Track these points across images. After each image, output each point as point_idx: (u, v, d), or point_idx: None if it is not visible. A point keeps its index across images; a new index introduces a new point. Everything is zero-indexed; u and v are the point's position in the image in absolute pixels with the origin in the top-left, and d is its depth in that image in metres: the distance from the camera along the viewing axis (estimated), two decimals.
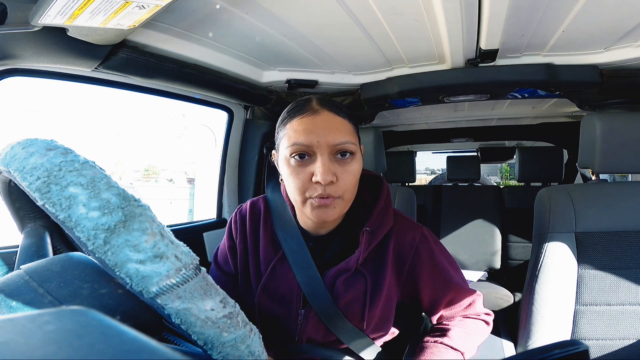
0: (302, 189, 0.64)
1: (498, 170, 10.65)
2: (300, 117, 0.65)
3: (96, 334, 0.19)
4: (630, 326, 0.91)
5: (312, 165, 0.64)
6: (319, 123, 0.64)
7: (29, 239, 0.46)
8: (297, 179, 0.64)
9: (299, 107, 0.67)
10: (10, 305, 0.32)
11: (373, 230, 0.71)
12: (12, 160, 0.33)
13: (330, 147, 0.63)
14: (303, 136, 0.63)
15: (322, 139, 0.63)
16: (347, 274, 0.71)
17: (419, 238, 0.74)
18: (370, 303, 0.72)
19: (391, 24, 0.92)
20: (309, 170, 0.64)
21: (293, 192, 0.66)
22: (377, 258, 0.73)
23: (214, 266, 0.82)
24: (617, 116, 1.01)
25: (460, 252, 2.11)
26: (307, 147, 0.63)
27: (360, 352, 0.73)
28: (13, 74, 0.80)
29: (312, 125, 0.64)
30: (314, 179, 0.63)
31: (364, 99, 1.38)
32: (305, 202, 0.65)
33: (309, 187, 0.64)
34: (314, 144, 0.63)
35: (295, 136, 0.64)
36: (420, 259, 0.74)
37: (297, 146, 0.63)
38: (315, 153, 0.63)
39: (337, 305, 0.71)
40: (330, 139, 0.63)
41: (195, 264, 0.32)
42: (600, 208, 0.98)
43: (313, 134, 0.63)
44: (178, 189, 9.33)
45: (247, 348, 0.34)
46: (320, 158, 0.63)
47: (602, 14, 0.86)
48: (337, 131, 0.64)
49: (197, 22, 0.87)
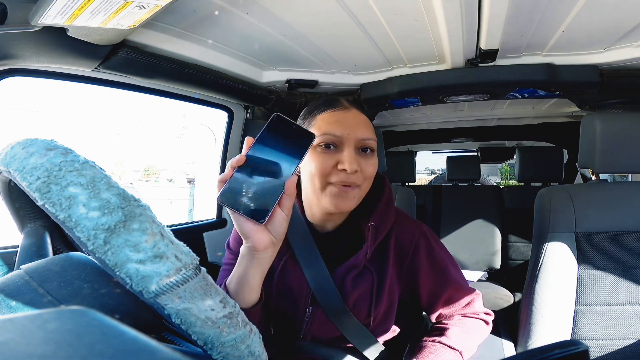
0: (325, 173, 0.68)
1: (498, 170, 10.65)
2: (332, 110, 0.70)
3: (96, 333, 0.19)
4: (630, 326, 0.91)
5: (338, 154, 0.68)
6: (350, 118, 0.70)
7: (29, 239, 0.46)
8: (322, 165, 0.67)
9: (329, 102, 0.72)
10: (10, 305, 0.32)
11: (377, 225, 0.73)
12: (12, 160, 0.33)
13: (357, 140, 0.68)
14: (335, 127, 0.68)
15: (351, 132, 0.68)
16: (356, 271, 0.72)
17: (419, 234, 0.77)
18: (376, 299, 0.73)
19: (391, 23, 0.92)
20: (334, 159, 0.67)
21: (315, 176, 0.68)
22: (381, 254, 0.75)
23: (228, 252, 0.81)
24: (617, 116, 1.01)
25: (460, 252, 2.11)
26: (337, 138, 0.68)
27: (363, 350, 0.73)
28: (13, 74, 0.80)
29: (343, 118, 0.69)
30: (339, 166, 0.67)
31: (364, 99, 1.38)
32: (325, 188, 0.68)
33: (332, 173, 0.67)
34: (344, 135, 0.68)
35: (327, 127, 0.68)
36: (419, 254, 0.76)
37: (328, 136, 0.67)
38: (343, 144, 0.68)
39: (346, 303, 0.72)
40: (359, 134, 0.68)
41: (195, 264, 0.32)
42: (600, 208, 0.98)
43: (344, 126, 0.68)
44: (178, 189, 9.34)
45: (247, 348, 0.34)
46: (347, 149, 0.67)
47: (602, 14, 0.86)
48: (365, 127, 0.70)
49: (197, 22, 0.87)
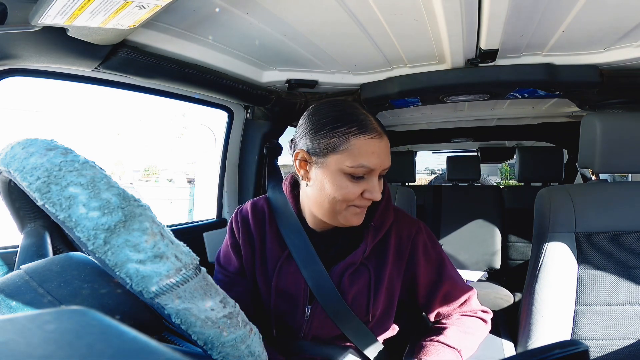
0: (351, 200, 0.68)
1: (498, 170, 10.65)
2: (369, 137, 0.67)
3: (96, 333, 0.19)
4: (630, 326, 0.91)
5: (365, 182, 0.68)
6: (384, 148, 0.69)
7: (29, 239, 0.46)
8: (350, 194, 0.68)
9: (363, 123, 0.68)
10: (10, 305, 0.32)
11: (377, 225, 0.75)
12: (12, 160, 0.33)
13: (382, 170, 0.70)
14: (372, 159, 0.67)
15: (383, 163, 0.69)
16: (353, 268, 0.73)
17: (416, 231, 0.79)
18: (374, 295, 0.74)
19: (391, 23, 0.92)
20: (362, 187, 0.68)
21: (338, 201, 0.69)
22: (379, 252, 0.76)
23: (218, 268, 0.82)
24: (617, 116, 1.01)
25: (460, 252, 2.11)
26: (370, 170, 0.68)
27: (363, 348, 0.74)
28: (13, 74, 0.79)
29: (379, 149, 0.68)
30: (367, 195, 0.68)
31: (364, 99, 1.38)
32: (344, 210, 0.70)
33: (356, 200, 0.69)
34: (377, 168, 0.68)
35: (364, 158, 0.66)
36: (417, 250, 0.77)
37: (364, 168, 0.67)
38: (371, 174, 0.68)
39: (345, 300, 0.72)
40: (387, 164, 0.70)
41: (195, 264, 0.32)
42: (600, 208, 0.98)
43: (379, 159, 0.68)
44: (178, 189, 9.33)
45: (247, 348, 0.34)
46: (375, 179, 0.69)
47: (602, 14, 0.86)
48: (389, 156, 0.71)
49: (197, 22, 0.87)
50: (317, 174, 0.69)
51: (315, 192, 0.71)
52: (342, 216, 0.70)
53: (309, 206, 0.75)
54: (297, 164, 0.72)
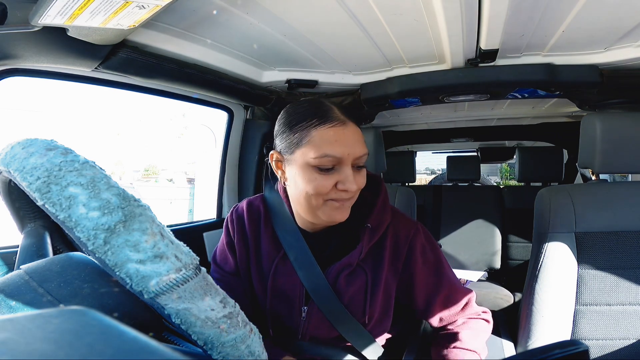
0: (324, 194, 0.66)
1: (498, 170, 10.64)
2: (330, 126, 0.65)
3: (96, 333, 0.19)
4: (630, 326, 0.91)
5: (337, 174, 0.66)
6: (349, 135, 0.66)
7: (29, 239, 0.46)
8: (321, 187, 0.66)
9: (324, 114, 0.66)
10: (10, 305, 0.32)
11: (373, 226, 0.73)
12: (12, 160, 0.33)
13: (355, 159, 0.66)
14: (336, 147, 0.64)
15: (351, 151, 0.65)
16: (349, 269, 0.72)
17: (414, 232, 0.77)
18: (371, 297, 0.73)
19: (391, 23, 0.92)
20: (333, 179, 0.66)
21: (312, 197, 0.67)
22: (376, 253, 0.75)
23: (214, 267, 0.82)
24: (617, 116, 1.01)
25: (460, 252, 2.11)
26: (337, 160, 0.65)
27: (362, 350, 0.74)
28: (13, 74, 0.80)
29: (343, 136, 0.65)
30: (340, 186, 0.66)
31: (364, 99, 1.38)
32: (322, 205, 0.68)
33: (331, 192, 0.66)
34: (345, 157, 0.65)
35: (327, 147, 0.64)
36: (414, 253, 0.76)
37: (329, 158, 0.64)
38: (342, 164, 0.66)
39: (341, 301, 0.72)
40: (357, 152, 0.66)
41: (195, 264, 0.32)
42: (600, 208, 0.98)
43: (345, 145, 0.65)
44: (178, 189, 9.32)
45: (247, 348, 0.34)
46: (347, 169, 0.66)
47: (602, 14, 0.86)
48: (361, 143, 0.68)
49: (197, 22, 0.87)
50: (290, 172, 0.69)
51: (292, 190, 0.71)
52: (322, 212, 0.68)
53: (297, 209, 0.74)
54: (273, 165, 0.72)
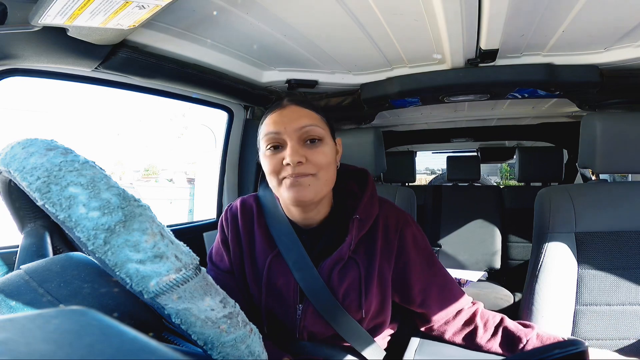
0: (275, 171, 0.70)
1: (498, 170, 10.64)
2: (271, 113, 0.73)
3: (96, 333, 0.19)
4: (630, 326, 0.91)
5: (284, 151, 0.70)
6: (286, 114, 0.72)
7: (29, 239, 0.46)
8: (271, 165, 0.70)
9: (274, 106, 0.75)
10: (10, 305, 0.32)
11: (362, 218, 0.74)
12: (12, 160, 0.33)
13: (296, 131, 0.70)
14: (273, 126, 0.71)
15: (288, 125, 0.70)
16: (341, 263, 0.73)
17: (404, 222, 0.79)
18: (366, 289, 0.73)
19: (391, 24, 0.92)
20: (281, 156, 0.70)
21: (269, 177, 0.72)
22: (367, 245, 0.76)
23: (211, 266, 0.82)
24: (617, 116, 1.01)
25: (460, 252, 2.11)
26: (277, 135, 0.70)
27: (358, 347, 0.74)
28: (13, 74, 0.80)
29: (279, 116, 0.71)
30: (284, 161, 0.69)
31: (364, 99, 1.38)
32: (280, 185, 0.71)
33: (281, 170, 0.70)
34: (282, 131, 0.70)
35: (267, 128, 0.71)
36: (406, 242, 0.77)
37: (269, 135, 0.70)
38: (286, 141, 0.70)
39: (336, 297, 0.72)
40: (295, 125, 0.70)
41: (195, 264, 0.32)
42: (600, 208, 0.98)
43: (280, 123, 0.70)
44: (178, 189, 9.31)
45: (247, 348, 0.34)
46: (290, 143, 0.69)
47: (602, 14, 0.86)
48: (301, 117, 0.71)
49: (197, 22, 0.87)
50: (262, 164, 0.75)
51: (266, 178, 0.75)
52: (283, 192, 0.70)
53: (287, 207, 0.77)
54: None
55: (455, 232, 2.17)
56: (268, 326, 0.76)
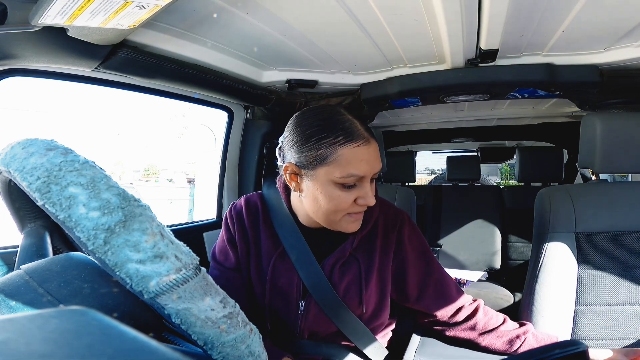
0: (344, 209, 0.69)
1: (498, 170, 10.64)
2: (356, 145, 0.66)
3: (96, 333, 0.19)
4: (630, 326, 0.91)
5: (357, 190, 0.68)
6: (373, 154, 0.68)
7: (29, 239, 0.46)
8: (343, 204, 0.68)
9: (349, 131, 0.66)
10: (10, 305, 0.32)
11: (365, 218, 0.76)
12: (12, 160, 0.33)
13: (374, 174, 0.70)
14: (360, 167, 0.66)
15: (373, 169, 0.68)
16: (342, 260, 0.75)
17: (400, 221, 0.80)
18: (366, 285, 0.75)
19: (391, 23, 0.92)
20: (354, 195, 0.68)
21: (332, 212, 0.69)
22: (368, 243, 0.78)
23: (214, 264, 0.82)
24: (617, 116, 1.00)
25: (460, 252, 2.11)
26: (361, 178, 0.67)
27: (360, 344, 0.75)
28: (13, 74, 0.80)
29: (367, 156, 0.67)
30: (360, 201, 0.68)
31: (364, 99, 1.38)
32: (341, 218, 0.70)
33: (350, 207, 0.69)
34: (367, 175, 0.68)
35: (352, 167, 0.65)
36: (403, 240, 0.79)
37: (353, 177, 0.66)
38: (362, 180, 0.68)
39: (337, 293, 0.73)
40: (376, 169, 0.69)
41: (195, 264, 0.32)
42: (600, 208, 0.98)
43: (369, 166, 0.67)
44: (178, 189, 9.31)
45: (247, 348, 0.34)
46: (367, 185, 0.68)
47: (602, 14, 0.86)
48: (380, 160, 0.70)
49: (197, 22, 0.87)
50: (309, 186, 0.69)
51: (309, 203, 0.71)
52: (338, 225, 0.71)
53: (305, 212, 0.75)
54: (287, 176, 0.72)
55: (455, 232, 2.17)
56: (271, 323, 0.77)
